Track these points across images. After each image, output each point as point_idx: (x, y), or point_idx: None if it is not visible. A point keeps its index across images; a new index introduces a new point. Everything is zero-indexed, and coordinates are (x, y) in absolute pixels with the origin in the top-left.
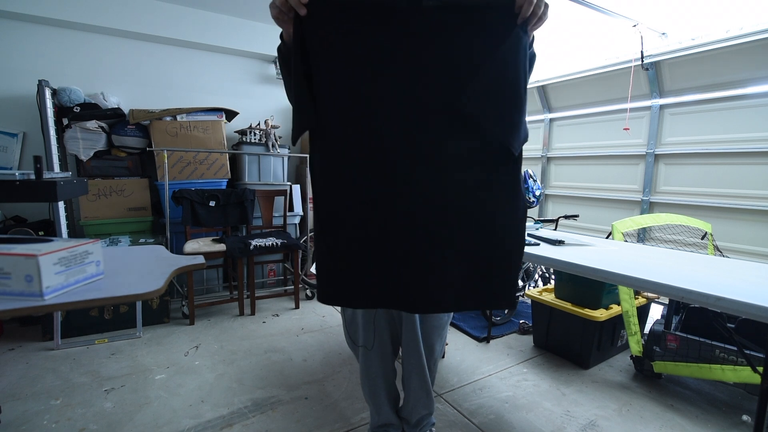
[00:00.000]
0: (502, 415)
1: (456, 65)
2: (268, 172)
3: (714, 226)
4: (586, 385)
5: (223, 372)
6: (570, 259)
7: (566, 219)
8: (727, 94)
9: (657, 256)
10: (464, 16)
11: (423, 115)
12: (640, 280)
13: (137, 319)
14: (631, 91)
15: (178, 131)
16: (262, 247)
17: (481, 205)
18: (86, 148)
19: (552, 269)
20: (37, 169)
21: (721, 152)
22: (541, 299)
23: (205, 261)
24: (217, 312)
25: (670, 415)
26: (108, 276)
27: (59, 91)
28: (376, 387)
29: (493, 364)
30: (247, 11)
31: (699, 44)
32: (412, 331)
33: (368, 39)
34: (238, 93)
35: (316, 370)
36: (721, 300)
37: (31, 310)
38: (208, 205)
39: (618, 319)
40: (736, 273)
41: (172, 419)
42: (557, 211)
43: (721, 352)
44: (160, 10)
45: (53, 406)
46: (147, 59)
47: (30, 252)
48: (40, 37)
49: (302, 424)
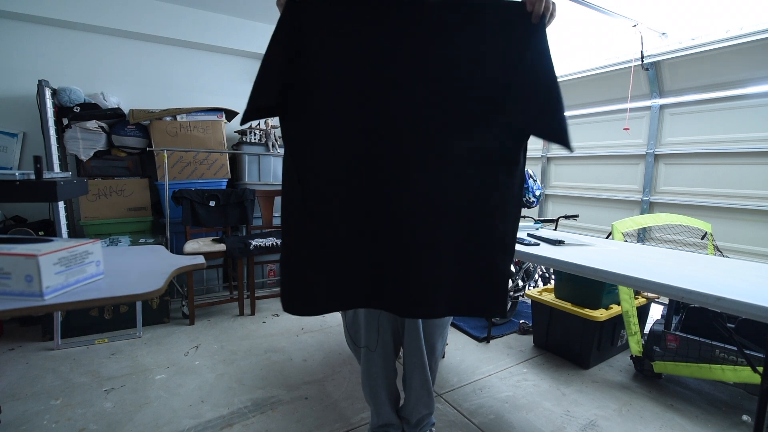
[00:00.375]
0: (502, 415)
1: (462, 65)
2: (268, 172)
3: (714, 226)
4: (586, 385)
5: (223, 372)
6: (570, 259)
7: (566, 219)
8: (727, 94)
9: (657, 256)
10: (471, 14)
11: (423, 116)
12: (640, 280)
13: (137, 319)
14: (631, 91)
15: (178, 131)
16: (262, 247)
17: (477, 207)
18: (86, 148)
19: (552, 269)
20: (37, 169)
21: (721, 152)
22: (541, 299)
23: (205, 261)
24: (217, 312)
25: (670, 415)
26: (108, 276)
27: (59, 91)
28: (378, 387)
29: (493, 364)
30: (247, 11)
31: (699, 44)
32: (415, 330)
33: (368, 38)
34: (238, 93)
35: (316, 370)
36: (721, 300)
37: (31, 310)
38: (208, 205)
39: (618, 319)
40: (736, 273)
41: (172, 419)
42: (557, 211)
43: (721, 352)
44: (160, 10)
45: (53, 406)
46: (147, 59)
47: (30, 252)
48: (40, 37)
49: (302, 424)
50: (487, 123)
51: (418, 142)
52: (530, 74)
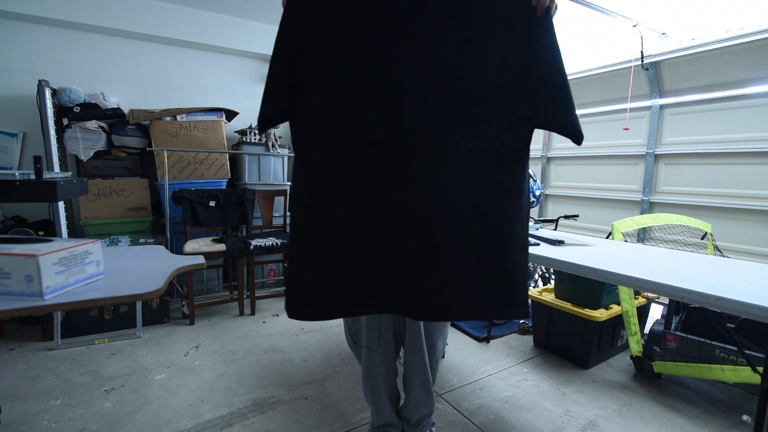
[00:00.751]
0: (502, 415)
1: (464, 63)
2: (268, 172)
3: (714, 226)
4: (586, 385)
5: (223, 372)
6: (570, 259)
7: (566, 219)
8: (727, 94)
9: (657, 256)
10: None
11: (425, 115)
12: (640, 280)
13: (137, 319)
14: (631, 91)
15: (178, 131)
16: (262, 247)
17: (484, 206)
18: (86, 148)
19: (552, 269)
20: (37, 169)
21: (721, 152)
22: (541, 299)
23: (205, 261)
24: (217, 312)
25: (670, 415)
26: (108, 276)
27: (59, 91)
28: (378, 387)
29: (493, 364)
30: (247, 11)
31: (699, 44)
32: (416, 329)
33: (368, 38)
34: (238, 93)
35: (316, 370)
36: (721, 300)
37: (31, 310)
38: (208, 205)
39: (618, 319)
40: (736, 273)
41: (172, 419)
42: (557, 211)
43: (721, 352)
44: (160, 10)
45: (53, 406)
46: (147, 59)
47: (30, 252)
48: (40, 37)
49: (302, 424)
50: (493, 121)
51: (420, 141)
52: (543, 68)
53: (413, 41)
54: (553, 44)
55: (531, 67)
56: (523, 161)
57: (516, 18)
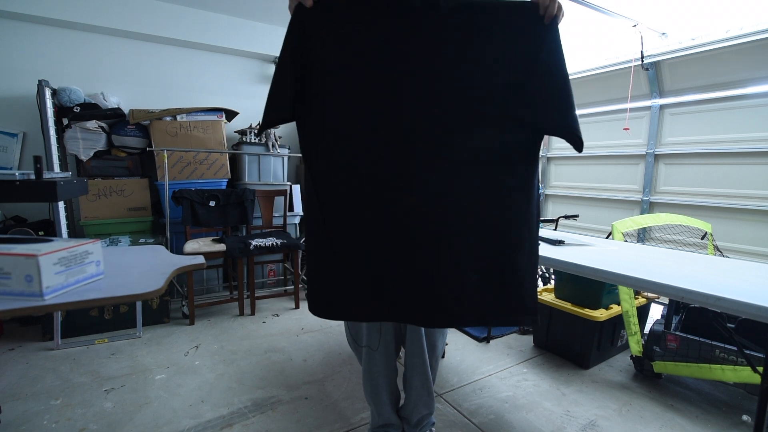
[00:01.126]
0: (502, 415)
1: (466, 66)
2: (268, 172)
3: (714, 226)
4: (586, 385)
5: (223, 372)
6: (570, 259)
7: (566, 219)
8: (727, 94)
9: (657, 256)
10: (476, 15)
11: (427, 116)
12: (640, 280)
13: (137, 319)
14: (631, 91)
15: (178, 131)
16: (262, 247)
17: (486, 206)
18: (86, 148)
19: (552, 269)
20: (37, 169)
21: (721, 152)
22: (541, 299)
23: (205, 261)
24: (217, 312)
25: (670, 415)
26: (108, 276)
27: (59, 91)
28: (379, 387)
29: (493, 364)
30: (247, 11)
31: (699, 44)
32: (417, 329)
33: (368, 39)
34: (238, 93)
35: (316, 370)
36: (721, 300)
37: (31, 310)
38: (208, 205)
39: (618, 319)
40: (736, 273)
41: (172, 419)
42: (557, 211)
43: (721, 352)
44: (160, 10)
45: (53, 406)
46: (147, 59)
47: (30, 252)
48: (40, 37)
49: (302, 424)
50: (493, 121)
51: (420, 141)
52: (546, 74)
53: (413, 41)
54: (558, 51)
55: (534, 71)
56: (529, 163)
57: (523, 23)
